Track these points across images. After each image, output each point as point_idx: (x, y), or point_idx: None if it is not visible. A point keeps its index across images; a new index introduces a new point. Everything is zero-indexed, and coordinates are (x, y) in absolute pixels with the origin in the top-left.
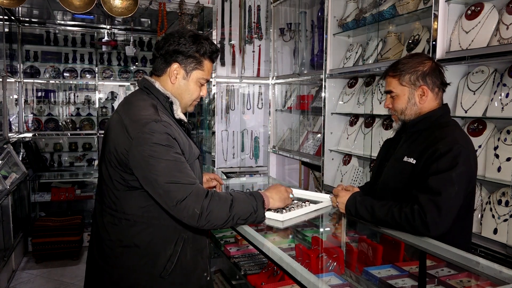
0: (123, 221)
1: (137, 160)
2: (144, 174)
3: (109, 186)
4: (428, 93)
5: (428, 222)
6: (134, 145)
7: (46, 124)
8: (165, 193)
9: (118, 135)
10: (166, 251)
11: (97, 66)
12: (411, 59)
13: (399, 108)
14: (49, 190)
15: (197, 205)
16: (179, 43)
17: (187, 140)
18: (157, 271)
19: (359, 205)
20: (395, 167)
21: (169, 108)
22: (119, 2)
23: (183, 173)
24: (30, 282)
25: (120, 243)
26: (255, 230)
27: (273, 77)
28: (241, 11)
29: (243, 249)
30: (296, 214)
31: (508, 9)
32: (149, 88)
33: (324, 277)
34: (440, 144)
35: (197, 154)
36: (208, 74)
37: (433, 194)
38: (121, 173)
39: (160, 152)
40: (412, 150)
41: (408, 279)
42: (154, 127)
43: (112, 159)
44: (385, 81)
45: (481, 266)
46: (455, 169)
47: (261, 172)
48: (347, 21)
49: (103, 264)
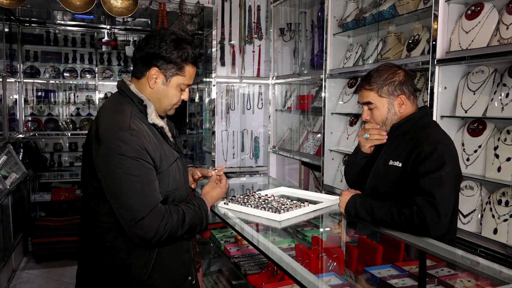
0: (98, 228)
1: (102, 169)
2: (107, 185)
3: (85, 193)
4: (406, 101)
5: (428, 223)
6: (100, 153)
7: (46, 124)
8: (124, 210)
9: (91, 141)
10: (141, 257)
11: (97, 66)
12: (383, 70)
13: (379, 120)
14: (49, 190)
15: (153, 227)
16: (160, 47)
17: (160, 146)
18: (133, 277)
19: (359, 207)
20: (381, 171)
21: (144, 112)
22: (119, 2)
23: (145, 190)
24: (30, 282)
25: (96, 249)
26: (255, 230)
27: (273, 77)
28: (241, 11)
29: (243, 249)
30: (294, 214)
31: (508, 9)
32: (124, 90)
33: (324, 277)
34: (424, 145)
35: (174, 159)
36: (190, 79)
37: (428, 196)
38: (91, 180)
39: (125, 165)
40: (397, 154)
41: (408, 279)
42: (122, 136)
43: (85, 167)
44: (360, 94)
45: (481, 266)
46: (443, 168)
47: (261, 172)
48: (347, 21)
49: (86, 268)
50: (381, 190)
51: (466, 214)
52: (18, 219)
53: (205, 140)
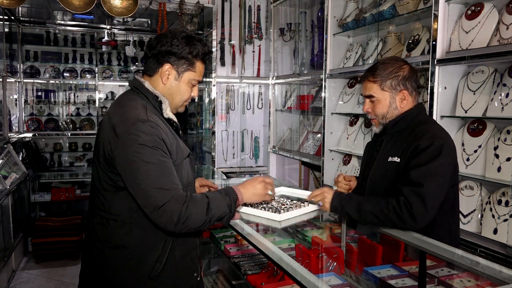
0: (111, 222)
1: (122, 160)
2: (127, 175)
3: (98, 187)
4: (408, 97)
5: (414, 213)
6: (120, 145)
7: (46, 124)
8: (145, 198)
9: (107, 135)
10: (154, 252)
11: (97, 66)
12: (389, 64)
13: (380, 113)
14: (49, 190)
15: (175, 212)
16: (172, 44)
17: (176, 139)
18: (145, 272)
19: (346, 202)
20: (381, 168)
21: (159, 108)
22: (119, 2)
23: (165, 177)
24: (30, 282)
25: (109, 244)
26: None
27: (273, 77)
28: (241, 11)
29: (243, 249)
30: (294, 214)
31: (508, 9)
32: (138, 87)
33: (324, 277)
34: (421, 140)
35: (186, 154)
36: (200, 75)
37: (415, 186)
38: (108, 173)
39: (145, 154)
40: (395, 150)
41: (408, 279)
42: (141, 127)
43: (100, 160)
44: (364, 85)
45: (481, 266)
46: (435, 160)
47: (261, 172)
48: (347, 21)
49: (93, 265)
50: (381, 187)
51: (466, 214)
52: (18, 219)
53: (205, 140)
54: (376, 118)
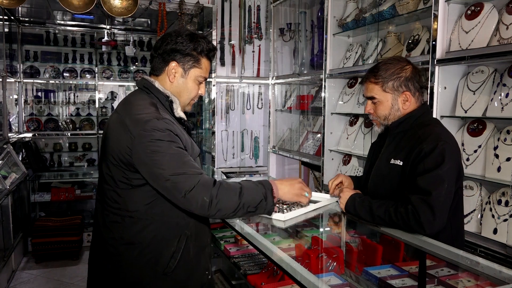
0: (126, 219)
1: (141, 157)
2: (149, 170)
3: (111, 185)
4: (410, 98)
5: (422, 222)
6: (136, 143)
7: (46, 124)
8: (172, 186)
9: (120, 135)
10: (169, 248)
11: (97, 66)
12: (391, 64)
13: (382, 115)
14: (49, 190)
15: (206, 194)
16: (177, 41)
17: (189, 138)
18: (160, 268)
19: (359, 206)
20: (382, 170)
21: (169, 107)
22: (119, 2)
23: (188, 164)
24: (30, 282)
25: (123, 240)
26: (255, 230)
27: (273, 77)
28: (241, 11)
29: (243, 249)
30: (297, 213)
31: (508, 9)
32: (148, 87)
33: (324, 277)
34: (425, 144)
35: (198, 153)
36: (206, 72)
37: (423, 194)
38: (125, 171)
39: (163, 146)
40: (397, 152)
41: (408, 279)
42: (156, 124)
43: (114, 159)
44: (365, 86)
45: (481, 266)
46: (442, 166)
47: (261, 172)
48: (347, 21)
49: (106, 263)
50: (383, 189)
51: (466, 214)
52: (18, 219)
53: (205, 140)
54: (378, 120)
